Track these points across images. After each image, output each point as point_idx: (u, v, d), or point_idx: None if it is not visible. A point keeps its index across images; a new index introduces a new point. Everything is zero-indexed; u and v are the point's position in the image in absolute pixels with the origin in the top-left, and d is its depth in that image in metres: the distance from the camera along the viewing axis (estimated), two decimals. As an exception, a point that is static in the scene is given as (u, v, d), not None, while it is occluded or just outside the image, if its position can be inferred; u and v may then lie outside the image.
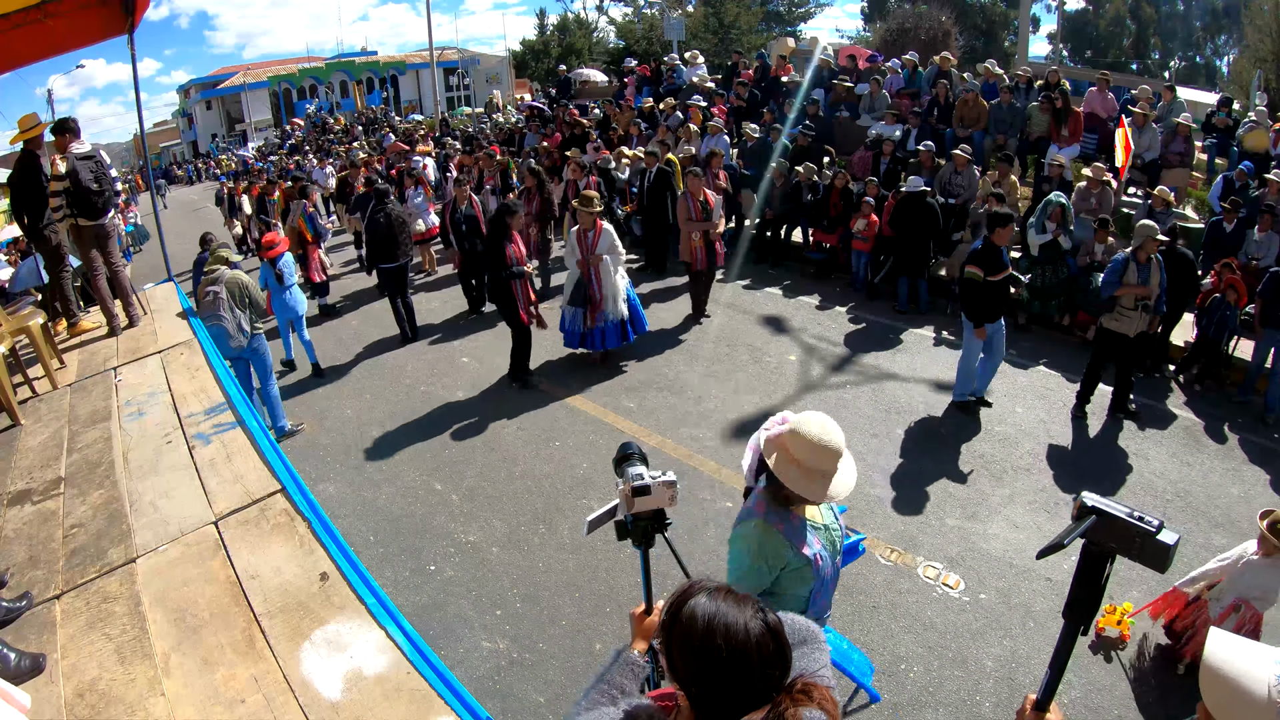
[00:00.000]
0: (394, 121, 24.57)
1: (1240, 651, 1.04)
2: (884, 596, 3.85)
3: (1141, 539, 1.23)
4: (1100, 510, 1.27)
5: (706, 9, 27.15)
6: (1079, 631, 1.36)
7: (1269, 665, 0.97)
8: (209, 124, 41.79)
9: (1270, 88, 14.37)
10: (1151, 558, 1.23)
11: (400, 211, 7.67)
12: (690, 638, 1.14)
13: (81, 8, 5.29)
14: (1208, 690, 1.06)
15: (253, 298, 5.42)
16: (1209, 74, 25.99)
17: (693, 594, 1.20)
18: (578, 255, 6.22)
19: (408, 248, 7.64)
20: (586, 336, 6.46)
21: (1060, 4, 26.02)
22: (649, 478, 1.73)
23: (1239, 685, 1.00)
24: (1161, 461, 5.11)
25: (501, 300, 6.06)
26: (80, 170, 5.09)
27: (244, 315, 5.33)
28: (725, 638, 1.12)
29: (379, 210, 7.40)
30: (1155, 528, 1.22)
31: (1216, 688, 1.05)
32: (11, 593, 2.73)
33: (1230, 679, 1.02)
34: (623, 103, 13.34)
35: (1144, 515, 1.24)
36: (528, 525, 4.53)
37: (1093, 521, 1.28)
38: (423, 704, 2.21)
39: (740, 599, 1.18)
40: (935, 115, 9.75)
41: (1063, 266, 7.00)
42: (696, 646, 1.13)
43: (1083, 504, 1.30)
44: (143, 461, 3.63)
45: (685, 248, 7.25)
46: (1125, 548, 1.26)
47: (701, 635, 1.13)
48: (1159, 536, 1.22)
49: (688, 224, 7.10)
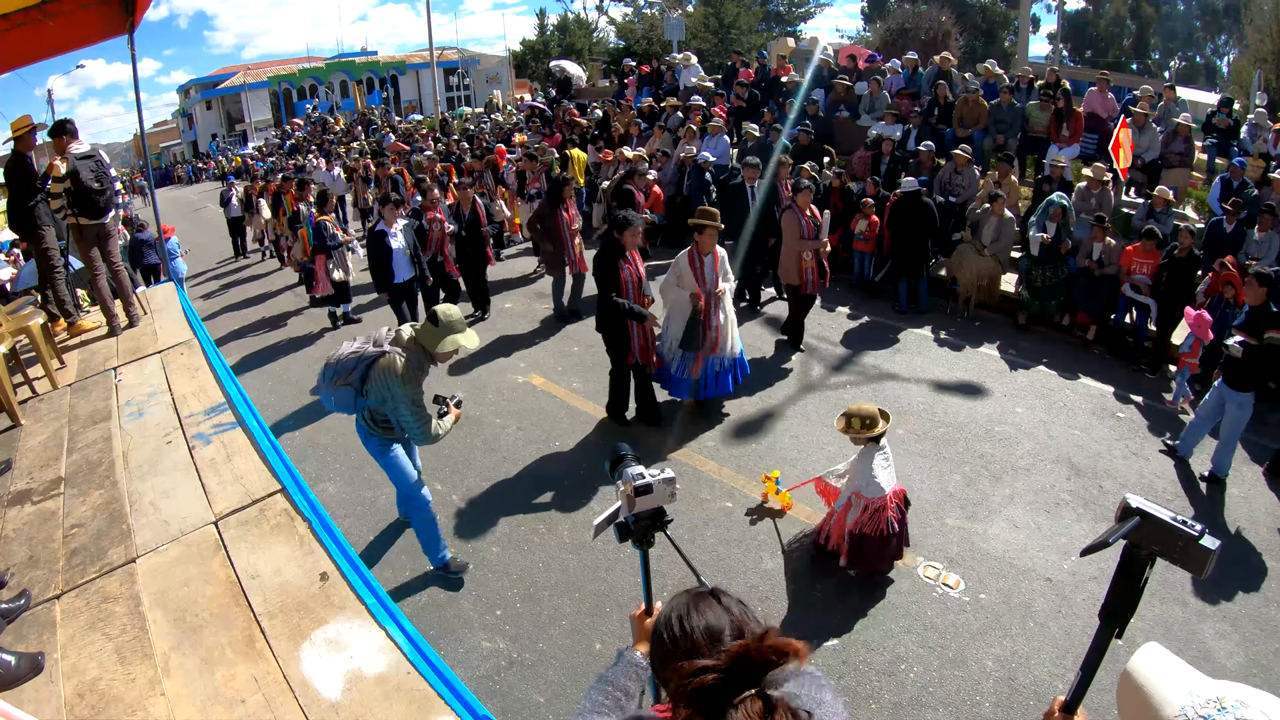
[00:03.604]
0: (393, 121, 24.56)
1: (1164, 671, 1.01)
2: (884, 596, 3.85)
3: (1184, 543, 1.23)
4: (1144, 512, 1.27)
5: (706, 9, 27.14)
6: (1114, 634, 1.36)
7: (1182, 694, 0.93)
8: (209, 124, 41.79)
9: (1270, 88, 14.37)
10: (1192, 562, 1.24)
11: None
12: (653, 642, 1.25)
13: (81, 8, 5.30)
14: (1121, 699, 1.05)
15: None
16: (1209, 74, 26.01)
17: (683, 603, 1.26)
18: (692, 287, 5.11)
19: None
20: (700, 385, 5.40)
21: (1060, 4, 26.03)
22: (649, 476, 1.73)
23: (1148, 704, 0.98)
24: (1161, 461, 5.11)
25: (610, 333, 5.17)
26: (81, 170, 5.10)
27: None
28: (668, 628, 1.21)
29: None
30: (1198, 533, 1.23)
31: (1128, 699, 1.03)
32: (10, 593, 2.73)
33: (1143, 695, 0.99)
34: (623, 103, 13.34)
35: (1187, 520, 1.25)
36: (528, 525, 4.52)
37: (1136, 523, 1.28)
38: (423, 704, 2.21)
39: (698, 598, 1.23)
40: (935, 115, 9.75)
41: (1063, 266, 7.01)
42: (656, 648, 1.24)
43: (1127, 505, 1.30)
44: (143, 461, 3.63)
45: (794, 268, 6.44)
46: (1167, 551, 1.26)
47: (657, 637, 1.23)
48: (1201, 541, 1.22)
49: (800, 243, 6.33)
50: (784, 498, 4.52)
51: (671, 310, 5.30)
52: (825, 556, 4.05)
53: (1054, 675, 3.33)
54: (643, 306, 5.08)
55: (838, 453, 5.08)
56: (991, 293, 7.63)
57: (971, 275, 7.50)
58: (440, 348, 3.44)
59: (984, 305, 7.68)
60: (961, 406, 5.81)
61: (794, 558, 4.14)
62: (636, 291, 5.08)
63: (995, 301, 7.69)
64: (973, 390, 6.10)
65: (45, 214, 5.29)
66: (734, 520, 4.47)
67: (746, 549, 4.21)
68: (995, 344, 6.99)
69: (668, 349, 5.37)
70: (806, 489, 4.43)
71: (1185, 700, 0.91)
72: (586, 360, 6.80)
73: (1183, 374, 5.82)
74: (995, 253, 7.44)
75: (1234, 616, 3.71)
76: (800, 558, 4.14)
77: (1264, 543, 4.29)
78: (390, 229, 6.54)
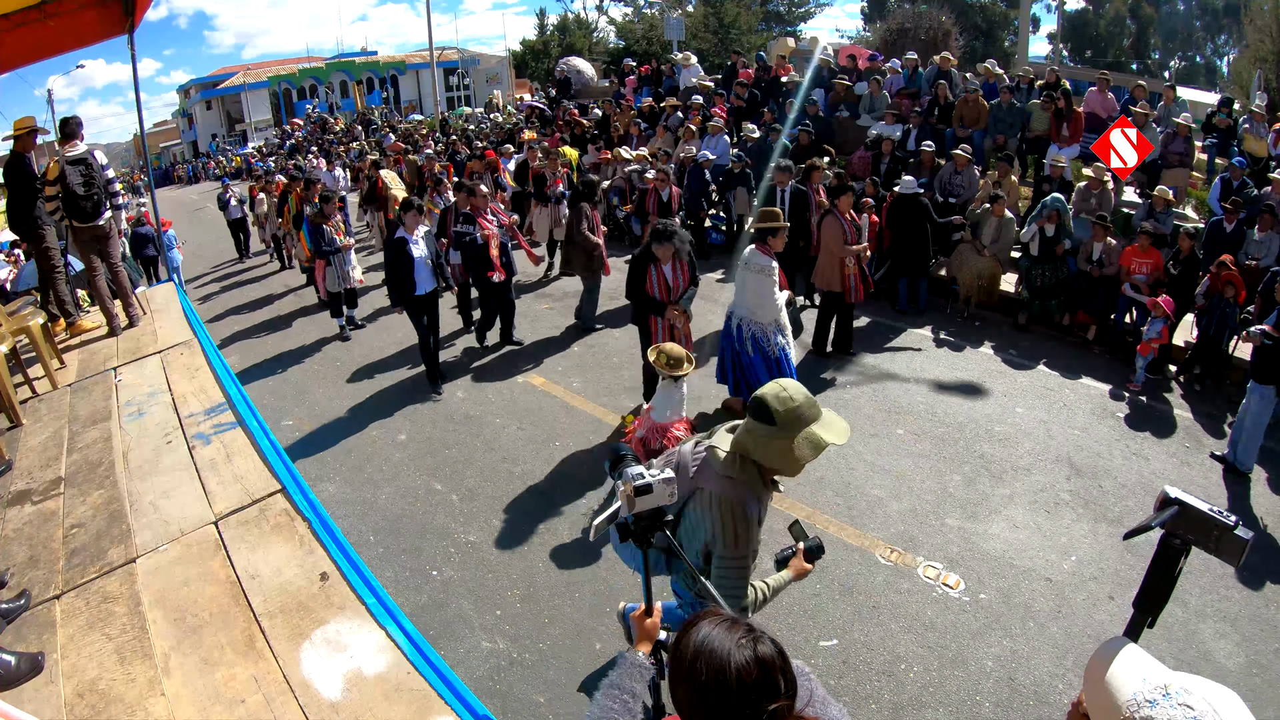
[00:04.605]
0: (393, 121, 24.55)
1: (1123, 660, 1.07)
2: (884, 596, 3.85)
3: (1220, 532, 1.27)
4: (1182, 502, 1.31)
5: (706, 9, 27.14)
6: (1147, 623, 1.38)
7: (1137, 680, 1.01)
8: (209, 124, 41.79)
9: (1270, 88, 14.35)
10: (1228, 551, 1.27)
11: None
12: (680, 664, 1.17)
13: (81, 8, 5.30)
14: (1086, 684, 1.11)
15: None
16: (1209, 74, 26.00)
17: (695, 623, 1.20)
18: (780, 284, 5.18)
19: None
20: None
21: (1060, 4, 26.02)
22: (649, 476, 1.73)
23: (1106, 689, 1.04)
24: (1161, 461, 5.11)
25: (639, 328, 5.44)
26: (69, 174, 5.11)
27: None
28: (706, 663, 1.13)
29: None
30: (1234, 523, 1.26)
31: (1091, 684, 1.09)
32: (10, 592, 2.73)
33: (1102, 680, 1.06)
34: (623, 103, 13.34)
35: (1222, 510, 1.27)
36: (528, 525, 4.52)
37: (1174, 512, 1.31)
38: (423, 704, 2.21)
39: (735, 627, 1.17)
40: (935, 115, 9.75)
41: (1063, 266, 7.01)
42: (684, 673, 1.15)
43: (1165, 495, 1.33)
44: (143, 461, 3.63)
45: (835, 275, 6.26)
46: (1203, 540, 1.29)
47: (689, 662, 1.15)
48: (1236, 531, 1.25)
49: (842, 248, 6.17)
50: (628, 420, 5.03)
51: (783, 319, 5.22)
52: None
53: (1054, 675, 3.33)
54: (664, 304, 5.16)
55: (836, 452, 5.07)
56: (991, 293, 7.63)
57: (971, 275, 7.50)
58: (789, 462, 1.96)
59: (984, 305, 7.68)
60: (961, 406, 5.81)
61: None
62: (664, 295, 5.14)
63: (995, 301, 7.68)
64: (973, 390, 6.10)
65: (45, 214, 5.29)
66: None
67: (746, 549, 4.21)
68: (995, 344, 6.99)
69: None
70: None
71: (1138, 686, 1.00)
72: (587, 360, 6.80)
73: (1145, 359, 6.05)
74: (995, 253, 7.44)
75: (1234, 616, 3.70)
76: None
77: (1264, 543, 4.29)
78: (411, 236, 5.96)
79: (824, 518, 4.47)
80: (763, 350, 5.20)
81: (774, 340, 5.18)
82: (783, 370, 5.22)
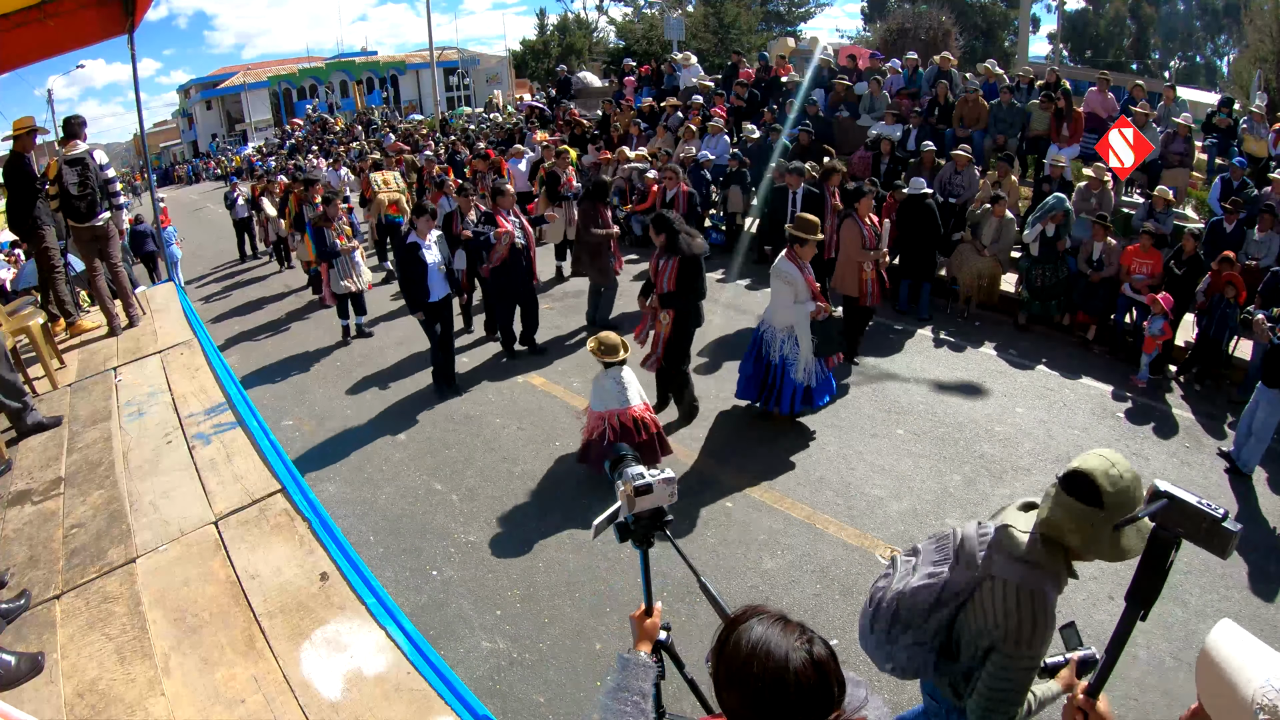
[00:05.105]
0: (393, 121, 24.55)
1: (1243, 649, 1.05)
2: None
3: (1209, 524, 1.28)
4: (1171, 494, 1.32)
5: (706, 9, 27.15)
6: (1139, 617, 1.38)
7: (1261, 675, 0.97)
8: (209, 124, 41.82)
9: (1270, 88, 14.36)
10: (1215, 543, 1.28)
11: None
12: (733, 663, 1.13)
13: (81, 8, 5.30)
14: (1201, 674, 1.08)
15: None
16: (1209, 74, 26.02)
17: (745, 619, 1.17)
18: (810, 295, 5.00)
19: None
20: (813, 391, 5.22)
21: (1060, 4, 26.05)
22: (649, 476, 1.74)
23: (1228, 681, 1.01)
24: (1161, 461, 5.11)
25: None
26: (65, 173, 5.11)
27: None
28: (763, 664, 1.09)
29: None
30: (1222, 515, 1.27)
31: (1208, 675, 1.06)
32: (10, 592, 2.73)
33: (1222, 672, 1.03)
34: (623, 103, 13.34)
35: (1210, 503, 1.29)
36: (528, 525, 4.52)
37: (1163, 504, 1.32)
38: (423, 704, 2.21)
39: (789, 628, 1.14)
40: (935, 115, 9.75)
41: (1063, 266, 7.01)
42: (736, 673, 1.12)
43: (1155, 488, 1.35)
44: (143, 461, 3.63)
45: (853, 280, 6.17)
46: (1192, 533, 1.31)
47: (742, 661, 1.11)
48: (1224, 524, 1.27)
49: (860, 253, 6.06)
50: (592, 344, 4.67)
51: (798, 330, 5.04)
52: (821, 554, 4.06)
53: (1054, 675, 3.33)
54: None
55: (837, 452, 5.09)
56: (991, 293, 7.63)
57: (971, 275, 7.50)
58: (1115, 552, 1.65)
59: (984, 305, 7.68)
60: (961, 406, 5.81)
61: (793, 557, 4.14)
62: (657, 286, 5.25)
63: (995, 301, 7.68)
64: (973, 390, 6.10)
65: (45, 214, 5.29)
66: (734, 520, 4.47)
67: (747, 549, 4.21)
68: (995, 344, 6.99)
69: (802, 370, 5.08)
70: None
71: (1267, 684, 0.96)
72: (587, 360, 6.78)
73: (1150, 356, 6.08)
74: (995, 253, 7.44)
75: (1234, 616, 3.67)
76: (798, 557, 4.14)
77: (1265, 542, 4.29)
78: (424, 241, 5.93)
79: (824, 518, 4.46)
80: (766, 353, 5.20)
81: (779, 345, 5.14)
82: (773, 379, 5.19)
